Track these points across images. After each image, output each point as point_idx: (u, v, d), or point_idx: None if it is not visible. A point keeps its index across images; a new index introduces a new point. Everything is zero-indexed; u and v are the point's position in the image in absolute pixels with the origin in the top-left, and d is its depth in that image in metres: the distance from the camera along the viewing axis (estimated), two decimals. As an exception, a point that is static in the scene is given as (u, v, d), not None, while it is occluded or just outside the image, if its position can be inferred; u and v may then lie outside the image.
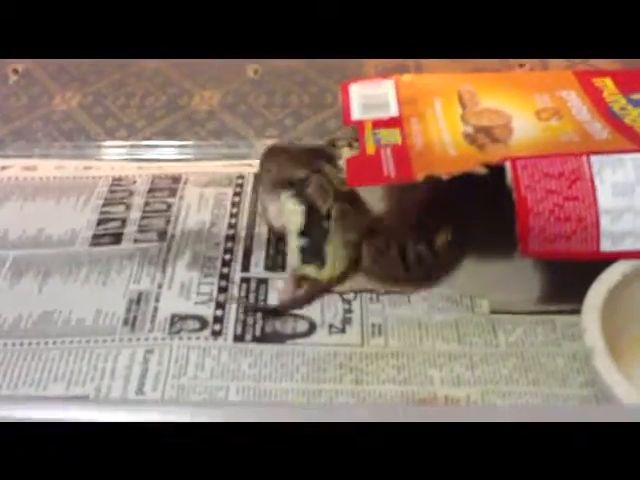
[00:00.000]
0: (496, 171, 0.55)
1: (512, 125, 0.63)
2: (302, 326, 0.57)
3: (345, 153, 0.71)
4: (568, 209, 0.53)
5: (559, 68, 0.82)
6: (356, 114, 0.67)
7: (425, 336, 0.56)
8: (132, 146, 0.77)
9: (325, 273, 0.59)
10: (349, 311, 0.58)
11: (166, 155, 0.76)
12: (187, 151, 0.77)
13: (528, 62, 0.84)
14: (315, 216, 0.60)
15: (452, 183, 0.55)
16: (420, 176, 0.56)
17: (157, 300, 0.59)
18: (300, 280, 0.59)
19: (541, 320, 0.57)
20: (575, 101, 0.65)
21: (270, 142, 0.75)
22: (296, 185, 0.61)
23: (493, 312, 0.58)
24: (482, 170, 0.55)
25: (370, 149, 0.61)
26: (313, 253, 0.59)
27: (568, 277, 0.56)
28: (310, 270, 0.59)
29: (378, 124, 0.64)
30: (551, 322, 0.57)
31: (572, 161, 0.54)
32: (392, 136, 0.63)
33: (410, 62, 0.88)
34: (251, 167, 0.71)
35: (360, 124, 0.65)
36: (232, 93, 0.84)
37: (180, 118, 0.81)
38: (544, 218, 0.53)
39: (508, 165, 0.54)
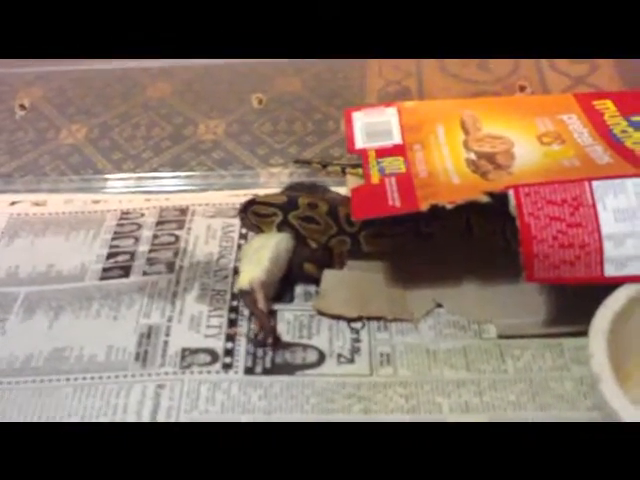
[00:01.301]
0: (499, 199, 0.55)
1: (514, 151, 0.63)
2: (311, 356, 0.58)
3: (350, 182, 0.72)
4: (571, 236, 0.53)
5: (559, 90, 0.83)
6: (360, 142, 0.68)
7: (433, 364, 0.57)
8: (139, 178, 0.78)
9: (241, 281, 0.60)
10: (357, 340, 0.59)
11: (173, 186, 0.77)
12: (193, 182, 0.78)
13: (528, 81, 0.85)
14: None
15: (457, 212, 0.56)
16: (424, 206, 0.56)
17: (167, 334, 0.60)
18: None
19: (549, 344, 0.57)
20: (576, 125, 0.66)
21: (275, 170, 0.77)
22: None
23: (501, 337, 0.58)
24: (485, 199, 0.56)
25: (375, 178, 0.62)
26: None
27: (574, 299, 0.57)
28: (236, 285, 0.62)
29: (382, 152, 0.65)
30: (559, 346, 0.57)
31: (574, 187, 0.54)
32: (396, 165, 0.63)
33: (412, 83, 0.88)
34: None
35: (364, 152, 0.66)
36: (237, 122, 0.85)
37: (186, 148, 0.82)
38: (548, 245, 0.53)
39: (511, 193, 0.54)
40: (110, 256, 0.68)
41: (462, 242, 0.64)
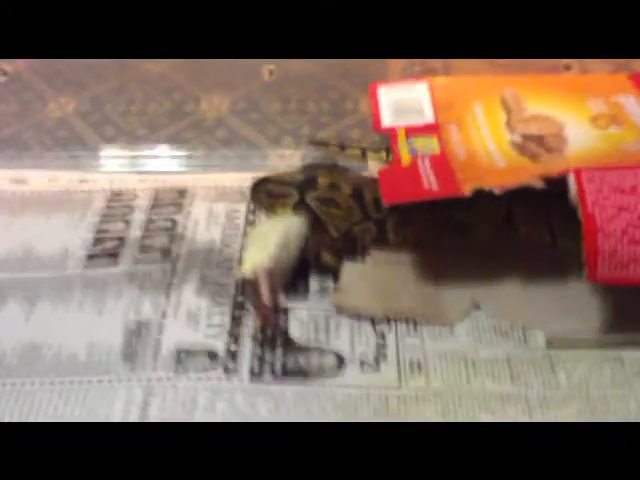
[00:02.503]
0: (556, 184, 0.47)
1: (565, 133, 0.55)
2: (329, 362, 0.49)
3: (371, 167, 0.64)
4: (644, 229, 0.45)
5: (605, 71, 0.75)
6: (387, 120, 0.59)
7: (472, 375, 0.49)
8: (133, 156, 0.70)
9: (243, 268, 0.52)
10: (383, 346, 0.50)
11: (171, 166, 0.69)
12: (194, 162, 0.69)
13: (574, 62, 0.76)
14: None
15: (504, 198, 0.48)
16: (467, 190, 0.48)
17: (160, 332, 0.51)
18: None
19: (607, 356, 0.50)
20: (634, 106, 0.58)
21: (286, 152, 0.69)
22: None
23: (550, 346, 0.50)
24: (539, 183, 0.47)
25: (405, 160, 0.54)
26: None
27: (637, 302, 0.49)
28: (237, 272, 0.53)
29: (412, 131, 0.57)
30: (619, 358, 0.50)
31: (646, 173, 0.46)
32: (429, 145, 0.55)
33: (438, 64, 0.80)
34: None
35: (392, 132, 0.58)
36: (243, 99, 0.76)
37: (186, 126, 0.73)
38: (615, 239, 0.45)
39: (571, 177, 0.46)
40: (97, 241, 0.59)
41: (502, 234, 0.56)
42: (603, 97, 0.59)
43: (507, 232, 0.56)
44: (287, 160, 0.68)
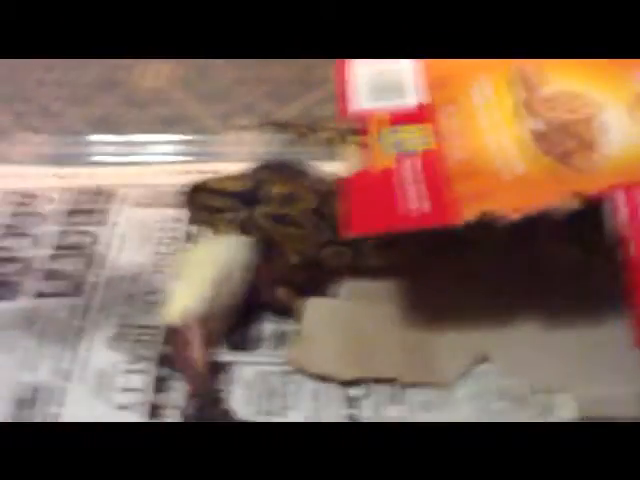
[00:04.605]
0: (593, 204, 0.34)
1: (603, 118, 0.41)
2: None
3: (352, 155, 0.50)
4: None
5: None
6: (360, 101, 0.45)
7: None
8: (43, 143, 0.56)
9: (170, 313, 0.39)
10: (357, 419, 0.38)
11: (97, 157, 0.55)
12: (122, 150, 0.55)
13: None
14: None
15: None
16: (470, 214, 0.35)
17: (60, 402, 0.38)
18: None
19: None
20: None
21: (242, 135, 0.55)
22: None
23: (585, 418, 0.37)
24: (574, 203, 0.34)
25: (383, 160, 0.40)
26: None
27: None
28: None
29: (397, 118, 0.43)
30: None
31: None
32: (421, 137, 0.41)
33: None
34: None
35: (366, 118, 0.43)
36: (189, 66, 0.62)
37: (115, 102, 0.60)
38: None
39: (621, 198, 0.33)
40: (-5, 265, 0.46)
41: (517, 254, 0.42)
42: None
43: (524, 251, 0.42)
44: (243, 145, 0.55)
